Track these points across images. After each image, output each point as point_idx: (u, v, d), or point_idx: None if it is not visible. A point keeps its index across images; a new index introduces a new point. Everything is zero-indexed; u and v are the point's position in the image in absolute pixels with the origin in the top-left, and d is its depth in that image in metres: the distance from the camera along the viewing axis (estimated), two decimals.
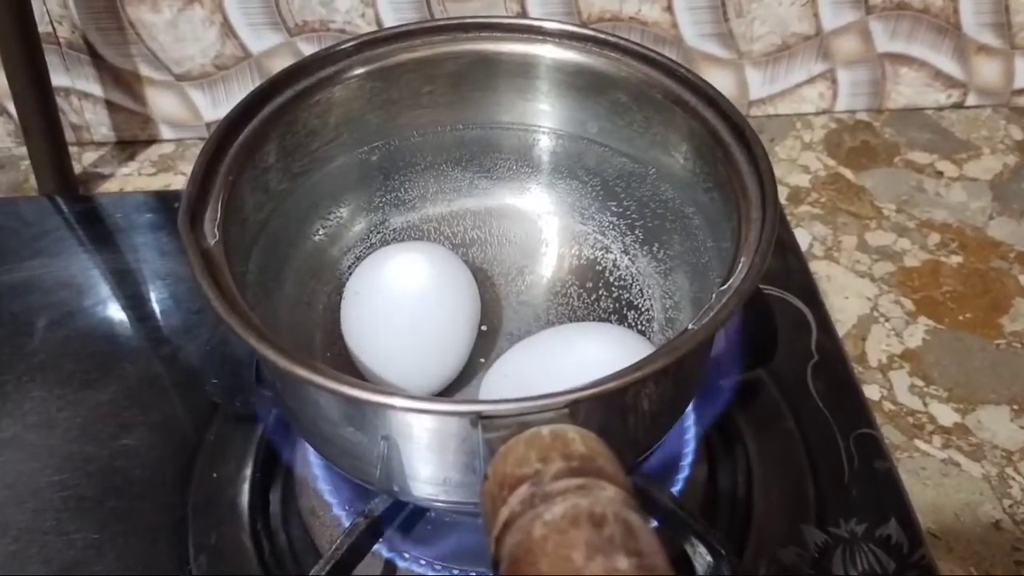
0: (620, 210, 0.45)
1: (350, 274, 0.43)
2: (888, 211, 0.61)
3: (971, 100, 0.68)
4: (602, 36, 0.41)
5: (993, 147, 0.65)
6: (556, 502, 0.22)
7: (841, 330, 0.53)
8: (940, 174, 0.64)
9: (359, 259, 0.44)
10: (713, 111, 0.39)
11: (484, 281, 0.45)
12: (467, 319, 0.40)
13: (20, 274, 0.56)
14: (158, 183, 0.65)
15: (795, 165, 0.64)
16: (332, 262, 0.44)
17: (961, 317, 0.55)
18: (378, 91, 0.43)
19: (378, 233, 0.45)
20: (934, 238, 0.59)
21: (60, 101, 0.63)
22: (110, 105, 0.65)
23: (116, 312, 0.55)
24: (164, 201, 0.62)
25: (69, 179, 0.63)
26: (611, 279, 0.44)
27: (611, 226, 0.45)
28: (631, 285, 0.44)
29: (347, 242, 0.45)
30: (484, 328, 0.43)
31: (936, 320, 0.54)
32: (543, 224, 0.46)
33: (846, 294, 0.56)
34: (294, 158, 0.42)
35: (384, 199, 0.46)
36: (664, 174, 0.43)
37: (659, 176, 0.43)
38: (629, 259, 0.44)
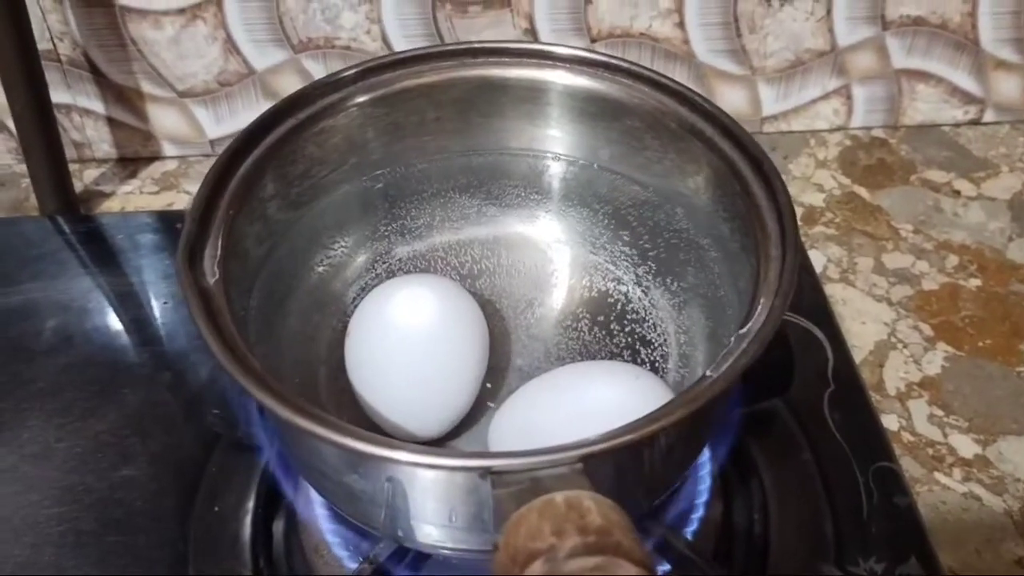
0: (632, 240, 0.44)
1: (355, 307, 0.41)
2: (905, 232, 0.60)
3: (989, 116, 0.66)
4: (615, 62, 0.40)
5: (1012, 165, 0.64)
6: None
7: (858, 356, 0.52)
8: (957, 193, 0.62)
9: (364, 291, 0.43)
10: (730, 142, 0.38)
11: (492, 314, 0.43)
12: (476, 358, 0.39)
13: (19, 297, 0.55)
14: (161, 202, 0.64)
15: (809, 183, 0.63)
16: (336, 295, 0.43)
17: (981, 343, 0.53)
18: (382, 118, 0.42)
19: (383, 263, 0.44)
20: (952, 260, 0.58)
21: (61, 118, 0.62)
22: (111, 122, 0.64)
23: (117, 337, 0.54)
24: (166, 221, 0.60)
25: (70, 198, 0.62)
26: (623, 312, 0.43)
27: (623, 256, 0.44)
28: (644, 319, 0.43)
29: (351, 274, 0.43)
30: (493, 358, 0.42)
31: (955, 346, 0.53)
32: (553, 254, 0.45)
33: (863, 319, 0.55)
34: (296, 188, 0.41)
35: (389, 228, 0.45)
36: (678, 204, 0.41)
37: (673, 206, 0.42)
38: (642, 291, 0.43)
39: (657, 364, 0.41)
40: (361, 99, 0.41)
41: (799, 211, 0.61)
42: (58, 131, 0.60)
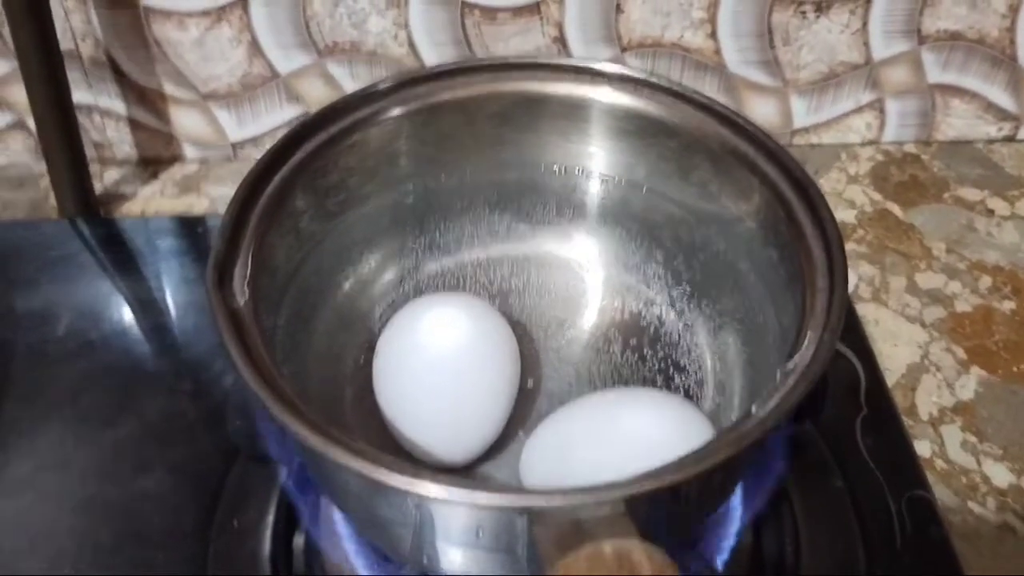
0: (667, 260, 0.43)
1: (382, 324, 0.40)
2: (938, 251, 0.59)
3: (1023, 134, 0.65)
4: (657, 81, 0.39)
5: None
6: None
7: (890, 380, 0.51)
8: (991, 212, 0.61)
9: (391, 307, 0.42)
10: (774, 165, 0.36)
11: (522, 334, 0.43)
12: (507, 382, 0.38)
13: (38, 302, 0.54)
14: (181, 204, 0.63)
15: (840, 199, 0.62)
16: (364, 312, 0.42)
17: (1015, 368, 0.52)
18: (416, 132, 0.41)
19: (411, 280, 0.43)
20: (986, 281, 0.57)
21: (82, 119, 0.61)
22: (133, 123, 0.63)
23: (137, 343, 0.53)
24: (187, 226, 0.60)
25: (90, 200, 0.61)
26: (657, 336, 0.42)
27: (657, 277, 0.43)
28: (678, 343, 0.42)
29: (379, 290, 0.43)
30: (523, 381, 0.41)
31: (990, 371, 0.52)
32: (585, 274, 0.44)
33: (895, 341, 0.54)
34: (328, 201, 0.40)
35: (419, 243, 0.44)
36: (717, 225, 0.40)
37: (711, 227, 0.41)
38: (676, 313, 0.42)
39: (692, 391, 0.40)
40: (395, 112, 0.40)
41: None
42: (79, 132, 0.59)
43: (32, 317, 0.54)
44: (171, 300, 0.55)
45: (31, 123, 0.60)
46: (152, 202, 0.63)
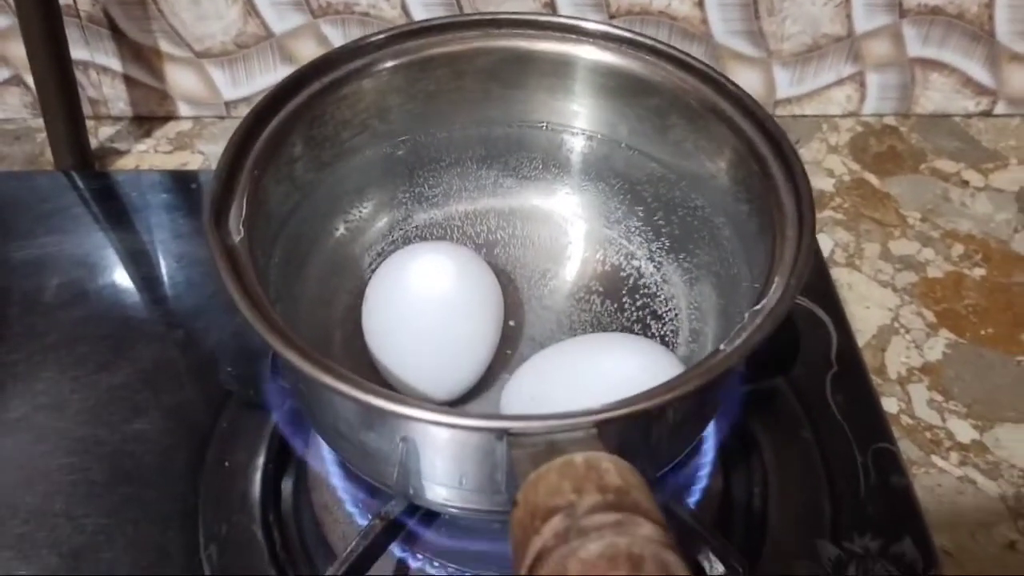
0: (647, 215, 0.44)
1: (371, 272, 0.42)
2: (913, 219, 0.60)
3: (1000, 109, 0.67)
4: (639, 39, 0.41)
5: (1021, 157, 0.65)
6: (592, 538, 0.22)
7: (861, 340, 0.53)
8: (966, 183, 0.63)
9: (380, 256, 0.43)
10: (751, 122, 0.38)
11: (507, 283, 0.44)
12: (491, 325, 0.40)
13: (34, 251, 0.56)
14: (175, 161, 0.64)
15: (820, 168, 0.64)
16: (354, 259, 0.43)
17: (983, 332, 0.54)
18: (406, 85, 0.42)
19: (400, 230, 0.45)
20: (958, 249, 0.58)
21: (79, 75, 0.62)
22: (128, 80, 0.64)
23: (131, 294, 0.54)
24: (181, 181, 0.61)
25: (86, 154, 0.62)
26: (636, 286, 0.44)
27: (637, 232, 0.45)
28: (656, 294, 0.43)
29: (369, 239, 0.44)
30: (510, 324, 0.42)
31: (958, 334, 0.54)
32: (568, 227, 0.46)
33: (867, 303, 0.55)
34: (320, 150, 0.41)
35: (408, 195, 0.45)
36: (695, 182, 0.42)
37: (690, 184, 0.42)
38: (654, 266, 0.44)
39: (668, 338, 0.42)
40: (387, 65, 0.41)
41: None
42: (76, 88, 0.60)
43: (28, 266, 0.55)
44: (163, 253, 0.57)
45: (28, 78, 0.61)
46: (146, 158, 0.64)
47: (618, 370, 0.36)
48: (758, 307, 0.32)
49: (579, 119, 0.44)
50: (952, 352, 0.53)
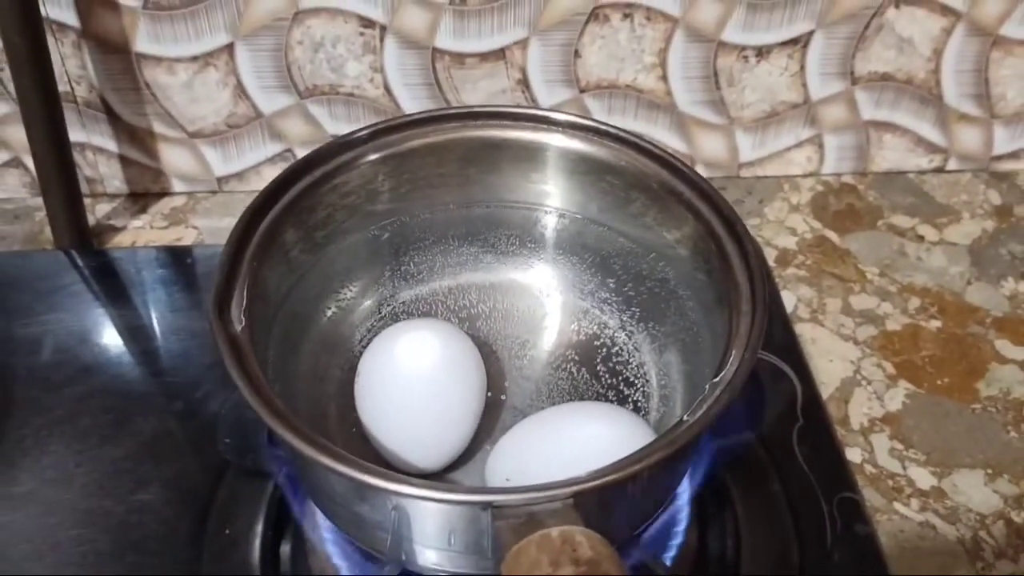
0: (617, 287, 0.48)
1: (362, 348, 0.45)
2: (871, 274, 0.64)
3: (952, 165, 0.71)
4: (603, 127, 0.44)
5: (972, 211, 0.68)
6: None
7: (825, 392, 0.56)
8: (921, 238, 0.66)
9: (370, 333, 0.46)
10: (707, 204, 0.41)
11: (488, 355, 0.47)
12: (475, 397, 0.42)
13: (37, 328, 0.58)
14: (169, 236, 0.67)
15: (783, 227, 0.67)
16: (344, 337, 0.46)
17: (939, 382, 0.57)
18: (391, 174, 0.45)
19: (388, 307, 0.48)
20: (915, 303, 0.62)
21: (76, 156, 0.65)
22: (124, 160, 0.67)
23: (131, 367, 0.57)
24: (176, 256, 0.64)
25: (84, 232, 0.65)
26: (609, 355, 0.47)
27: (609, 302, 0.48)
28: (628, 361, 0.46)
29: (358, 317, 0.47)
30: (490, 395, 0.45)
31: (916, 384, 0.57)
32: (545, 299, 0.49)
33: (830, 357, 0.58)
34: (313, 237, 0.44)
35: (394, 273, 0.48)
36: (660, 256, 0.45)
37: (656, 257, 0.45)
38: (626, 335, 0.47)
39: (640, 404, 0.45)
40: (372, 157, 0.44)
41: (773, 254, 0.65)
42: (75, 168, 0.63)
43: (31, 343, 0.57)
44: (160, 326, 0.59)
45: (27, 160, 0.64)
46: (142, 234, 0.67)
47: (592, 440, 0.39)
48: (717, 379, 0.35)
49: (551, 198, 0.47)
50: (911, 402, 0.56)
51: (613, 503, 0.35)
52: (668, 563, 0.44)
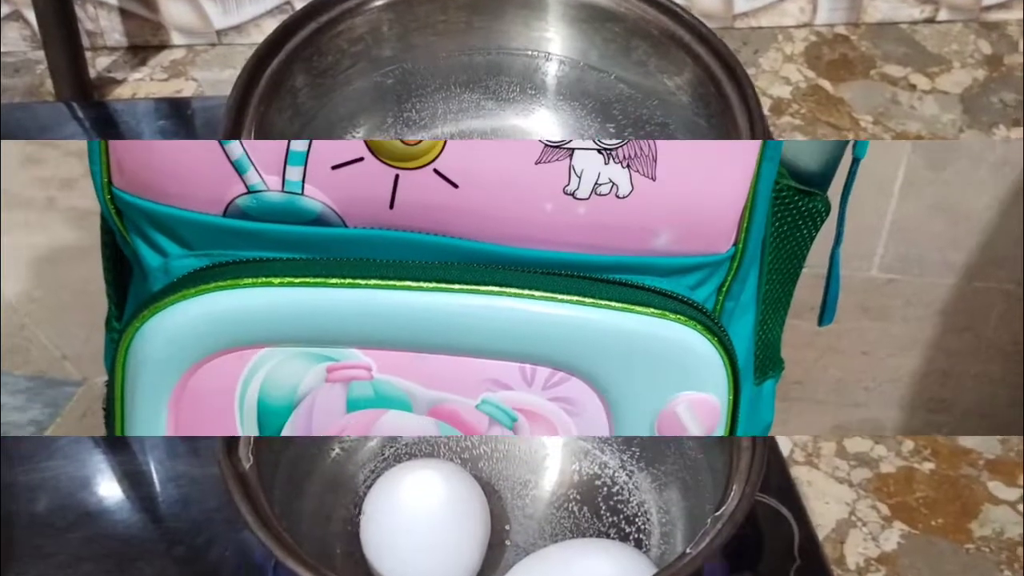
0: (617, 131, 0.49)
1: (366, 488, 0.46)
2: (865, 123, 0.65)
3: (943, 16, 0.71)
4: None
5: (963, 61, 0.69)
6: None
7: (821, 533, 0.54)
8: (914, 87, 0.67)
9: (374, 474, 0.47)
10: (706, 48, 0.43)
11: (491, 494, 0.48)
12: (478, 536, 0.44)
13: (36, 476, 0.55)
14: (169, 88, 0.67)
15: (777, 77, 0.68)
16: (349, 477, 0.48)
17: (933, 522, 0.55)
18: (395, 20, 0.46)
19: (391, 448, 0.49)
20: (908, 445, 0.58)
21: (76, 8, 0.65)
22: (124, 12, 0.67)
23: (133, 512, 0.54)
24: (176, 107, 0.65)
25: (85, 85, 0.65)
26: (610, 494, 0.48)
27: (610, 442, 0.49)
28: (628, 500, 0.47)
29: (362, 457, 0.48)
30: (495, 534, 0.46)
31: (910, 525, 0.55)
32: (547, 440, 0.50)
33: (825, 499, 0.56)
34: (320, 83, 0.45)
35: (397, 120, 0.48)
36: (661, 102, 0.46)
37: (657, 104, 0.46)
38: (626, 475, 0.48)
39: (641, 540, 0.46)
40: (378, 3, 0.45)
41: (767, 103, 0.66)
42: (76, 21, 0.63)
43: (34, 489, 0.54)
44: (159, 474, 0.55)
45: (28, 13, 0.63)
46: (142, 86, 0.68)
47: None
48: (718, 513, 0.37)
49: (552, 45, 0.48)
50: (906, 542, 0.54)
51: None
52: None
